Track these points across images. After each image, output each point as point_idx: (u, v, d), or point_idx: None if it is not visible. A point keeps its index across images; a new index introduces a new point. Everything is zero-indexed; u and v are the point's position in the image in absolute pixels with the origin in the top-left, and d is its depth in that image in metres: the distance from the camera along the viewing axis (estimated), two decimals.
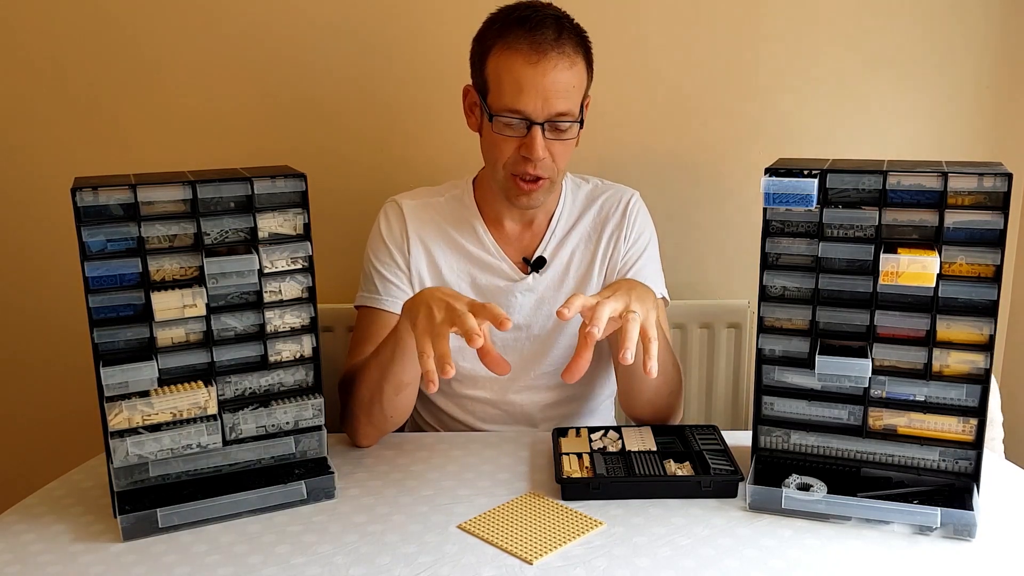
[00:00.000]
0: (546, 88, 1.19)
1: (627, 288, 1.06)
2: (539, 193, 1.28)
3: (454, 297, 1.04)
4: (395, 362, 1.13)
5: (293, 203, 1.05)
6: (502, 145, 1.25)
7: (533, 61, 1.19)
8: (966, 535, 0.96)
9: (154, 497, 1.02)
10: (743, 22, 1.65)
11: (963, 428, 1.00)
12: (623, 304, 1.02)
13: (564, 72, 1.21)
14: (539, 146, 1.22)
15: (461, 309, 1.00)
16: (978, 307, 0.97)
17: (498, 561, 0.93)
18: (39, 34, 1.67)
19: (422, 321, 1.02)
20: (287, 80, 1.68)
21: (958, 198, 0.96)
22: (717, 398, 1.75)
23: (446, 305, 1.02)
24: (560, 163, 1.27)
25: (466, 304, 1.02)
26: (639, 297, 1.04)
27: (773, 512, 1.01)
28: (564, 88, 1.21)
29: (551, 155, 1.24)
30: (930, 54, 1.65)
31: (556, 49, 1.19)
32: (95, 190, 0.97)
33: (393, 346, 1.12)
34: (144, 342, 1.01)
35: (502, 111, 1.22)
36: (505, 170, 1.27)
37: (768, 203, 1.00)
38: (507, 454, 1.19)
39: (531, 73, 1.19)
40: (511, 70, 1.20)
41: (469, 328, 0.97)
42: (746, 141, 1.70)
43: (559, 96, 1.21)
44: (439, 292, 1.06)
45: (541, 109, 1.20)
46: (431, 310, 1.02)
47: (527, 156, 1.23)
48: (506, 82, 1.21)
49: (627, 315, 1.01)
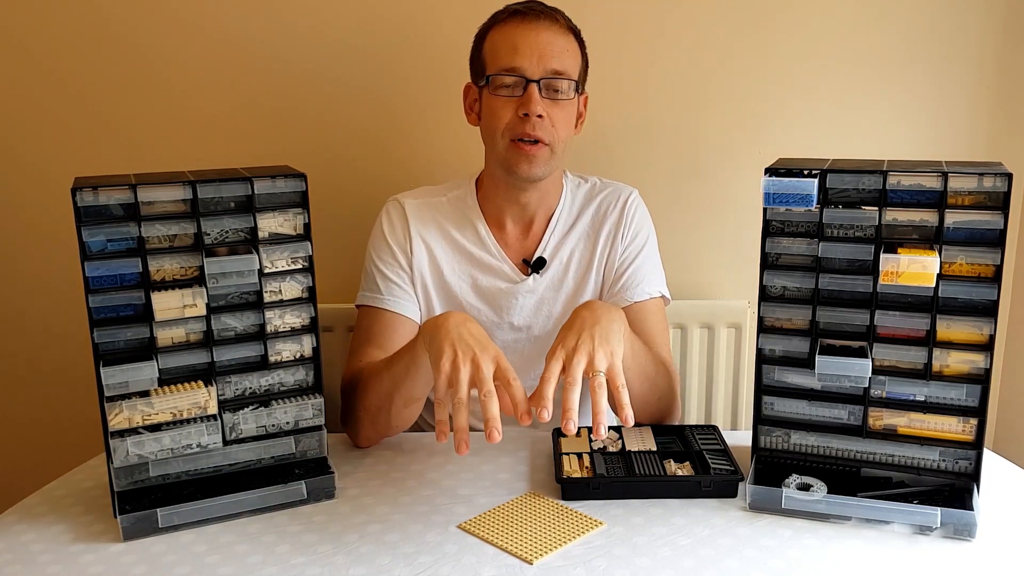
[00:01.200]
0: (540, 45, 1.24)
1: (590, 327, 1.04)
2: (540, 160, 1.27)
3: (481, 346, 1.00)
4: (408, 378, 1.11)
5: (293, 203, 1.05)
6: (500, 111, 1.26)
7: (527, 22, 1.26)
8: (966, 535, 0.96)
9: (154, 497, 1.02)
10: (743, 22, 1.65)
11: (963, 428, 1.00)
12: (587, 358, 1.00)
13: (558, 35, 1.27)
14: (536, 101, 1.24)
15: (487, 375, 0.98)
16: (978, 307, 0.97)
17: (498, 561, 0.93)
18: (39, 34, 1.67)
19: (445, 367, 0.99)
20: (287, 80, 1.68)
21: (958, 198, 0.96)
22: (717, 398, 1.75)
23: (472, 359, 0.99)
24: (560, 130, 1.27)
25: (492, 362, 0.99)
26: (602, 337, 1.03)
27: (773, 512, 1.01)
28: (559, 48, 1.26)
29: (550, 118, 1.25)
30: (930, 54, 1.65)
31: (549, 18, 1.27)
32: (95, 190, 0.97)
33: (408, 363, 1.10)
34: (144, 342, 1.01)
35: (499, 72, 1.26)
36: (504, 138, 1.27)
37: (768, 203, 1.00)
38: (507, 454, 1.19)
39: (525, 32, 1.25)
40: (506, 35, 1.27)
41: (491, 418, 0.95)
42: (746, 141, 1.70)
43: (553, 55, 1.25)
44: (466, 330, 1.03)
45: (536, 65, 1.24)
46: (455, 355, 0.99)
47: (526, 113, 1.24)
48: (501, 46, 1.26)
49: (592, 380, 1.00)
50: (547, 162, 1.28)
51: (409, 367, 1.10)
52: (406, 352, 1.12)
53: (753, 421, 1.08)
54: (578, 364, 1.00)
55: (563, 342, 1.03)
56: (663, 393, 1.25)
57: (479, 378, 0.98)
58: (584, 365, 1.00)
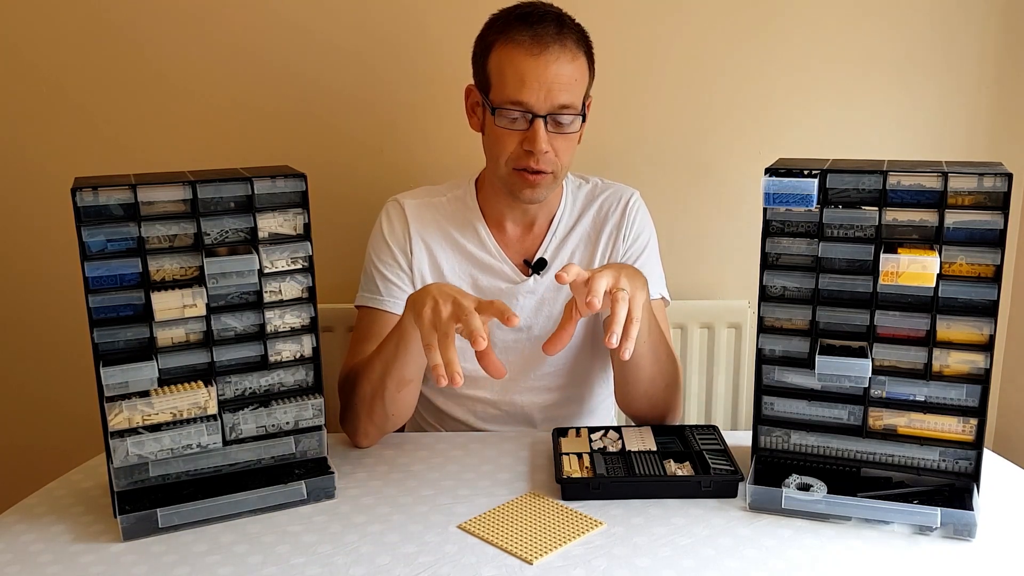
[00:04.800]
0: (548, 80, 1.20)
1: (617, 267, 1.06)
2: (543, 186, 1.27)
3: (460, 293, 1.03)
4: (398, 357, 1.13)
5: (293, 203, 1.05)
6: (505, 140, 1.25)
7: (535, 53, 1.20)
8: (966, 535, 0.96)
9: (154, 497, 1.02)
10: (744, 23, 1.65)
11: (963, 428, 1.00)
12: (613, 280, 1.03)
13: (566, 65, 1.22)
14: (542, 139, 1.22)
15: (467, 306, 1.00)
16: (978, 307, 0.97)
17: (498, 561, 0.93)
18: (39, 35, 1.67)
19: (428, 313, 1.02)
20: (287, 80, 1.68)
21: (958, 198, 0.96)
22: (717, 398, 1.75)
23: (452, 300, 1.02)
24: (563, 158, 1.27)
25: (472, 301, 1.02)
26: (629, 276, 1.05)
27: (773, 512, 1.01)
28: (566, 81, 1.22)
29: (554, 150, 1.24)
30: (930, 54, 1.65)
31: (558, 43, 1.21)
32: (95, 190, 0.97)
33: (397, 341, 1.12)
34: (144, 342, 1.01)
35: (504, 104, 1.22)
36: (507, 166, 1.27)
37: (768, 203, 1.00)
38: (507, 454, 1.19)
39: (533, 65, 1.20)
40: (513, 63, 1.21)
41: (474, 329, 0.97)
42: (746, 141, 1.70)
43: (561, 89, 1.21)
44: (446, 287, 1.06)
45: (544, 101, 1.21)
46: (437, 304, 1.02)
47: (530, 150, 1.23)
48: (508, 75, 1.22)
49: (616, 293, 1.01)
50: (549, 187, 1.29)
51: (399, 345, 1.12)
52: (394, 332, 1.13)
53: (753, 421, 1.08)
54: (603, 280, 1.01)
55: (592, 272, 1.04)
56: (670, 381, 1.26)
57: (460, 309, 1.00)
58: (612, 283, 1.02)
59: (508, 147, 1.25)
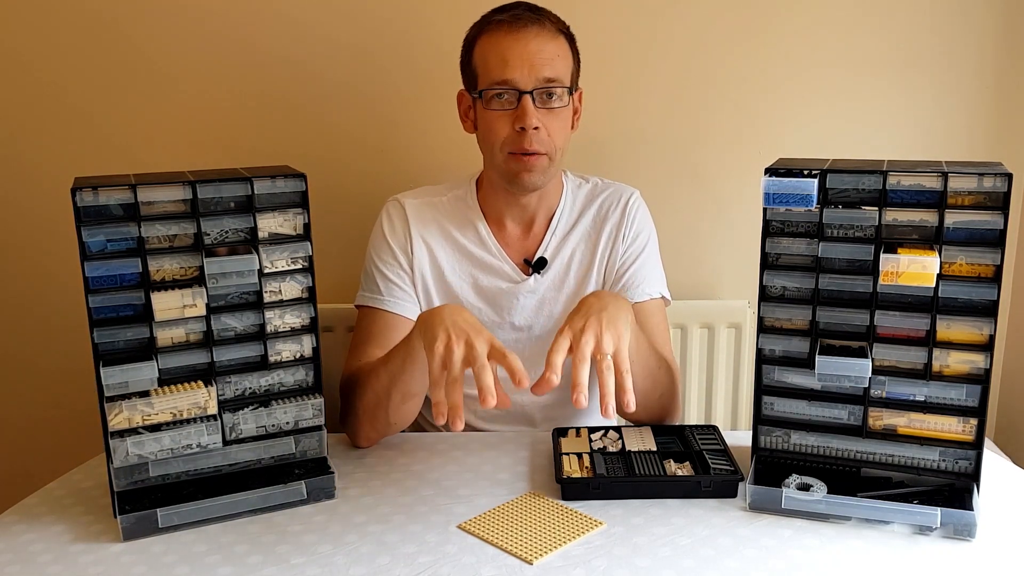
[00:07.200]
0: (530, 54, 1.23)
1: (597, 312, 1.03)
2: (539, 169, 1.27)
3: (474, 330, 1.01)
4: (405, 372, 1.12)
5: (293, 203, 1.05)
6: (496, 124, 1.26)
7: (514, 31, 1.24)
8: (966, 535, 0.96)
9: (154, 497, 1.02)
10: (743, 22, 1.65)
11: (963, 428, 1.00)
12: (594, 340, 1.00)
13: (548, 42, 1.25)
14: (531, 114, 1.23)
15: (480, 353, 0.98)
16: (978, 307, 0.97)
17: (498, 561, 0.93)
18: (39, 35, 1.67)
19: (440, 349, 1.00)
20: (287, 80, 1.68)
21: (958, 198, 0.96)
22: (717, 398, 1.75)
23: (466, 340, 1.00)
24: (556, 139, 1.27)
25: (485, 345, 0.99)
26: (610, 322, 1.02)
27: (773, 512, 1.01)
28: (549, 56, 1.24)
29: (545, 128, 1.25)
30: (930, 54, 1.65)
31: (536, 23, 1.25)
32: (95, 190, 0.97)
33: (404, 356, 1.11)
34: (144, 342, 1.01)
35: (491, 85, 1.25)
36: (502, 151, 1.27)
37: (768, 203, 1.00)
38: (507, 454, 1.19)
39: (513, 42, 1.23)
40: (495, 46, 1.25)
41: (484, 387, 0.96)
42: (746, 141, 1.70)
43: (544, 63, 1.24)
44: (460, 317, 1.04)
45: (528, 76, 1.23)
46: (449, 339, 1.00)
47: (522, 127, 1.24)
48: (491, 59, 1.25)
49: (600, 363, 1.00)
50: (546, 170, 1.29)
51: (405, 360, 1.11)
52: (402, 346, 1.12)
53: (753, 421, 1.08)
54: (586, 344, 1.00)
55: (571, 324, 1.03)
56: (664, 390, 1.26)
57: (472, 355, 0.98)
58: (592, 345, 1.00)
59: (500, 132, 1.26)
